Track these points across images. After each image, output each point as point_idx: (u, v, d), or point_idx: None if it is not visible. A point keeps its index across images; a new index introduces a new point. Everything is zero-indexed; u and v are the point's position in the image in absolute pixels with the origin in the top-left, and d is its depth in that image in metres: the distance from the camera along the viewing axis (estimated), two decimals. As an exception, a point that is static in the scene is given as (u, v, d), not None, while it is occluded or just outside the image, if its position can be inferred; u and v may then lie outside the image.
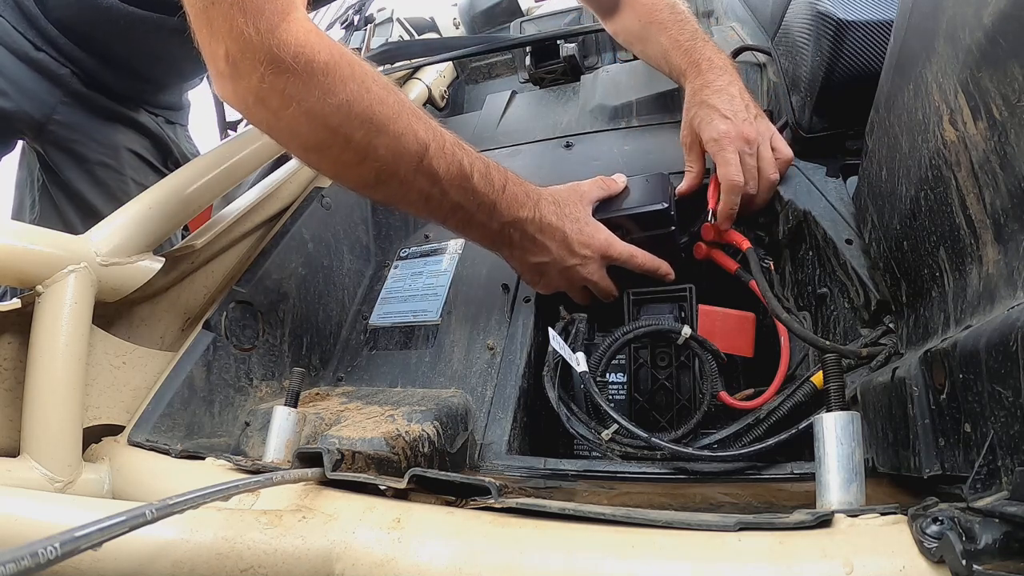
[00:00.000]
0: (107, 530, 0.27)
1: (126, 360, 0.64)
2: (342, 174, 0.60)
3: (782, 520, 0.31)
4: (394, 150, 0.56)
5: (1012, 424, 0.26)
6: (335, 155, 0.56)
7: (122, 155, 1.03)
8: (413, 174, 0.58)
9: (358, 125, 0.54)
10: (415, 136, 0.56)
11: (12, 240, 0.54)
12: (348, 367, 0.80)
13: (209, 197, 0.73)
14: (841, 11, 0.61)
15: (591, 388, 0.59)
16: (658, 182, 0.74)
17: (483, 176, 0.61)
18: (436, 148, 0.58)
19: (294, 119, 0.52)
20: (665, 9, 0.84)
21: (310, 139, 0.55)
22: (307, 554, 0.37)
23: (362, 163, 0.56)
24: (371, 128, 0.54)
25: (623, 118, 0.96)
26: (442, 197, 0.60)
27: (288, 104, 0.51)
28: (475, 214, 0.62)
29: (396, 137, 0.55)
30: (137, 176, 1.06)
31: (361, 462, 0.50)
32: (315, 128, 0.53)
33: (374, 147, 0.55)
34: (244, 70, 0.49)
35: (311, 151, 0.57)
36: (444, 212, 0.62)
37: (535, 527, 0.35)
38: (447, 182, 0.59)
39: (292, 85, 0.50)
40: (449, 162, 0.59)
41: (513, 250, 0.67)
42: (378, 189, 0.60)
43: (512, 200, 0.63)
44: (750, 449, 0.53)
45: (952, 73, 0.34)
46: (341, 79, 0.52)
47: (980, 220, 0.33)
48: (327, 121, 0.53)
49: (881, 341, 0.52)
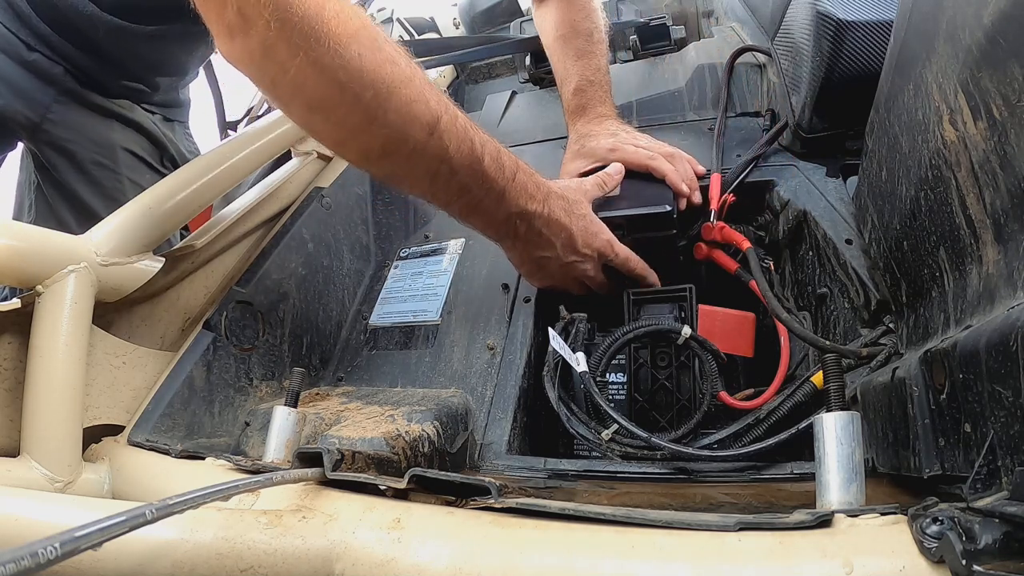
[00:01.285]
0: (107, 530, 0.27)
1: (126, 360, 0.64)
2: (346, 141, 0.56)
3: (782, 520, 0.31)
4: (404, 116, 0.52)
5: (1012, 424, 0.26)
6: (341, 116, 0.52)
7: (117, 154, 1.02)
8: (422, 147, 0.54)
9: (368, 83, 0.50)
10: (427, 105, 0.53)
11: (12, 240, 0.54)
12: (348, 367, 0.80)
13: (209, 197, 0.73)
14: (841, 11, 0.61)
15: (591, 388, 0.59)
16: (661, 182, 0.74)
17: (494, 160, 0.58)
18: (448, 121, 0.54)
19: (301, 71, 0.49)
20: (582, 36, 0.88)
21: (315, 95, 0.51)
22: (307, 554, 0.37)
23: (369, 128, 0.53)
24: (381, 88, 0.50)
25: (623, 118, 0.96)
26: (450, 177, 0.57)
27: (296, 54, 0.48)
28: (482, 200, 0.60)
29: (407, 103, 0.52)
30: (133, 175, 1.04)
31: (361, 462, 0.50)
32: (322, 83, 0.50)
33: (383, 110, 0.51)
34: (251, 17, 0.46)
35: (316, 110, 0.53)
36: (450, 194, 0.59)
37: (535, 527, 0.35)
38: (457, 160, 0.56)
39: (300, 34, 0.47)
40: (460, 139, 0.55)
41: (516, 242, 0.66)
42: (383, 162, 0.56)
43: (522, 190, 0.61)
44: (750, 449, 0.53)
45: (952, 73, 0.34)
46: (352, 32, 0.49)
47: (980, 220, 0.33)
48: (335, 75, 0.49)
49: (881, 341, 0.52)
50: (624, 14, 1.27)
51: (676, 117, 0.94)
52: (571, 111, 0.87)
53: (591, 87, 0.86)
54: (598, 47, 0.88)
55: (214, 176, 0.73)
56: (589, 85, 0.86)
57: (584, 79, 0.86)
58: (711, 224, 0.71)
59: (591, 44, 0.88)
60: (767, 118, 0.81)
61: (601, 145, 0.80)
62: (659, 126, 0.93)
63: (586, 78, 0.86)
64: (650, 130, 0.91)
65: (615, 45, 1.25)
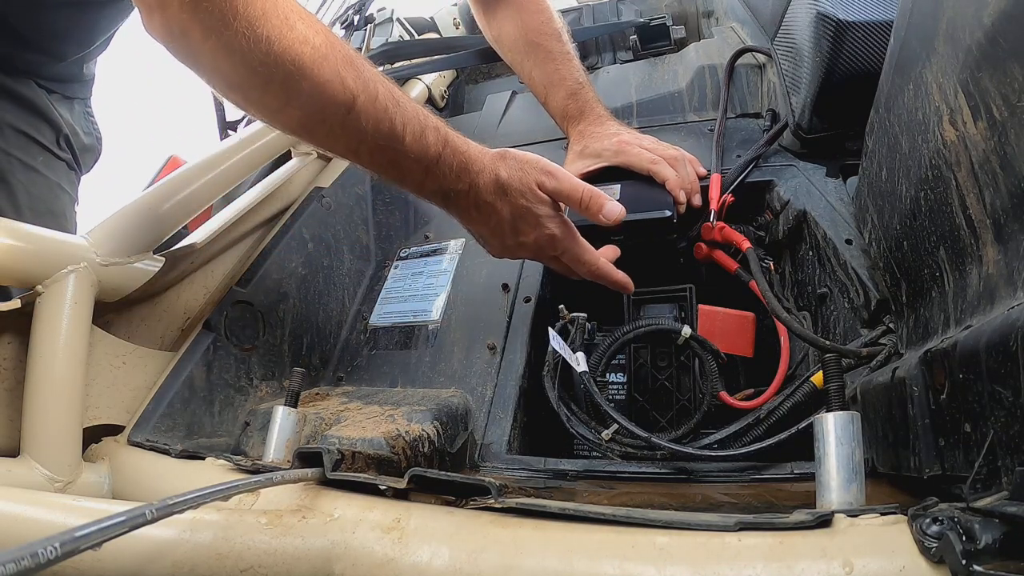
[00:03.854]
0: (107, 530, 0.27)
1: (126, 360, 0.64)
2: (268, 118, 0.56)
3: (782, 520, 0.31)
4: (317, 97, 0.52)
5: (1012, 424, 0.26)
6: (256, 97, 0.52)
7: (6, 133, 0.94)
8: (340, 126, 0.54)
9: (278, 65, 0.49)
10: (342, 84, 0.52)
11: (12, 240, 0.54)
12: (348, 367, 0.80)
13: (209, 197, 0.73)
14: (841, 12, 0.61)
15: (591, 388, 0.59)
16: (662, 186, 0.74)
17: (416, 139, 0.57)
18: (365, 101, 0.53)
19: (215, 54, 0.49)
20: (552, 37, 0.87)
21: (232, 77, 0.51)
22: (307, 554, 0.37)
23: (284, 109, 0.53)
24: (292, 71, 0.50)
25: (623, 119, 0.96)
26: (371, 154, 0.57)
27: (208, 36, 0.48)
28: (407, 176, 0.59)
29: (320, 84, 0.51)
30: (23, 156, 0.96)
31: (361, 462, 0.50)
32: (235, 65, 0.49)
33: (296, 92, 0.51)
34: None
35: (234, 90, 0.53)
36: (375, 167, 0.59)
37: (535, 527, 0.35)
38: (375, 140, 0.55)
39: (211, 16, 0.47)
40: (379, 119, 0.54)
41: (453, 214, 0.64)
42: (306, 137, 0.57)
43: (447, 170, 0.59)
44: (750, 449, 0.53)
45: (952, 73, 0.34)
46: (261, 11, 0.48)
47: (980, 220, 0.33)
48: (246, 58, 0.49)
49: (881, 341, 0.52)
50: (624, 14, 1.27)
51: (676, 118, 0.94)
52: (568, 115, 0.87)
53: (583, 89, 0.86)
54: (571, 47, 0.89)
55: (214, 176, 0.73)
56: (580, 87, 0.86)
57: (575, 81, 0.86)
58: (711, 224, 0.71)
59: (563, 45, 0.88)
60: (767, 118, 0.81)
61: (606, 147, 0.80)
62: (659, 127, 0.93)
63: (576, 80, 0.86)
64: (650, 131, 0.91)
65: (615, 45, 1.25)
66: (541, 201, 0.63)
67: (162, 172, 1.23)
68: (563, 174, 0.64)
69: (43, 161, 0.99)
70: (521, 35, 0.89)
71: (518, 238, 0.64)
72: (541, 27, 0.88)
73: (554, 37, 0.88)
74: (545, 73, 0.88)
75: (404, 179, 0.60)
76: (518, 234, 0.64)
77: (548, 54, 0.87)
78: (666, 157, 0.77)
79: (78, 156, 1.05)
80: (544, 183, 0.63)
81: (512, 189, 0.62)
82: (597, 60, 1.26)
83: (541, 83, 0.89)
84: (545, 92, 0.89)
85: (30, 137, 0.98)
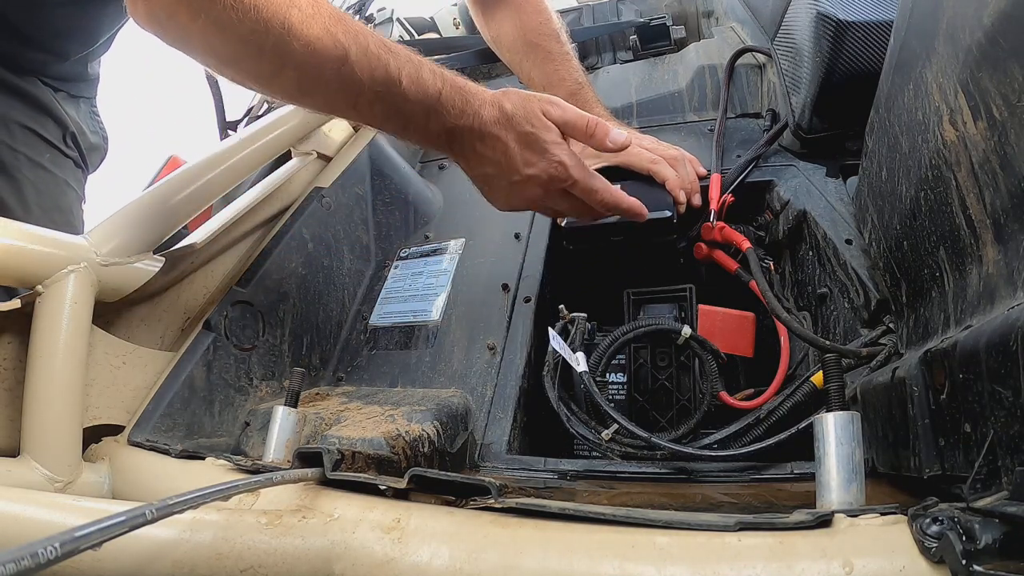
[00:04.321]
0: (107, 530, 0.27)
1: (126, 360, 0.64)
2: (265, 87, 0.57)
3: (782, 520, 0.31)
4: (310, 56, 0.53)
5: (1012, 424, 0.26)
6: (251, 67, 0.54)
7: (12, 130, 0.95)
8: (336, 81, 0.55)
9: (268, 32, 0.50)
10: (333, 39, 0.53)
11: (12, 240, 0.54)
12: (348, 367, 0.80)
13: (209, 197, 0.73)
14: (841, 12, 0.61)
15: (591, 388, 0.59)
16: (662, 186, 0.74)
17: (413, 81, 0.57)
18: (358, 52, 0.54)
19: (205, 32, 0.50)
20: (551, 38, 0.88)
21: (224, 52, 0.52)
22: (307, 554, 0.37)
23: (280, 73, 0.54)
24: (282, 33, 0.51)
25: (623, 119, 0.96)
26: (371, 104, 0.57)
27: (196, 16, 0.49)
28: (410, 120, 0.59)
29: (311, 42, 0.52)
30: (31, 153, 0.97)
31: (361, 462, 0.50)
32: (226, 40, 0.51)
33: (288, 54, 0.52)
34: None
35: (227, 64, 0.54)
36: (377, 119, 0.59)
37: (535, 527, 0.35)
38: (373, 88, 0.56)
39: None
40: (373, 67, 0.55)
41: (458, 158, 0.64)
42: (304, 99, 0.58)
43: (449, 106, 0.59)
44: (750, 449, 0.53)
45: (952, 73, 0.34)
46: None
47: (980, 220, 0.33)
48: (237, 30, 0.50)
49: (881, 341, 0.52)
50: (624, 14, 1.27)
51: (676, 118, 0.94)
52: None
53: (582, 89, 0.86)
54: (570, 47, 0.89)
55: (214, 176, 0.73)
56: (580, 88, 0.86)
57: (574, 82, 0.86)
58: (711, 224, 0.71)
59: (563, 45, 0.88)
60: (767, 118, 0.81)
61: None
62: (659, 127, 0.93)
63: (575, 80, 0.87)
64: (650, 131, 0.91)
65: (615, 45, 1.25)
66: (547, 128, 0.62)
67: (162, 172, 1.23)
68: (567, 105, 0.64)
69: (50, 158, 0.99)
70: (520, 36, 0.89)
71: (526, 170, 0.62)
72: (540, 27, 0.88)
73: (553, 38, 0.88)
74: (544, 74, 0.88)
75: (408, 125, 0.60)
76: (526, 164, 0.62)
77: (547, 55, 0.88)
78: (666, 157, 0.77)
79: (85, 155, 1.06)
80: (549, 111, 0.63)
81: (517, 117, 0.62)
82: (597, 60, 1.26)
83: (540, 84, 0.89)
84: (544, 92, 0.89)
85: (37, 134, 0.98)
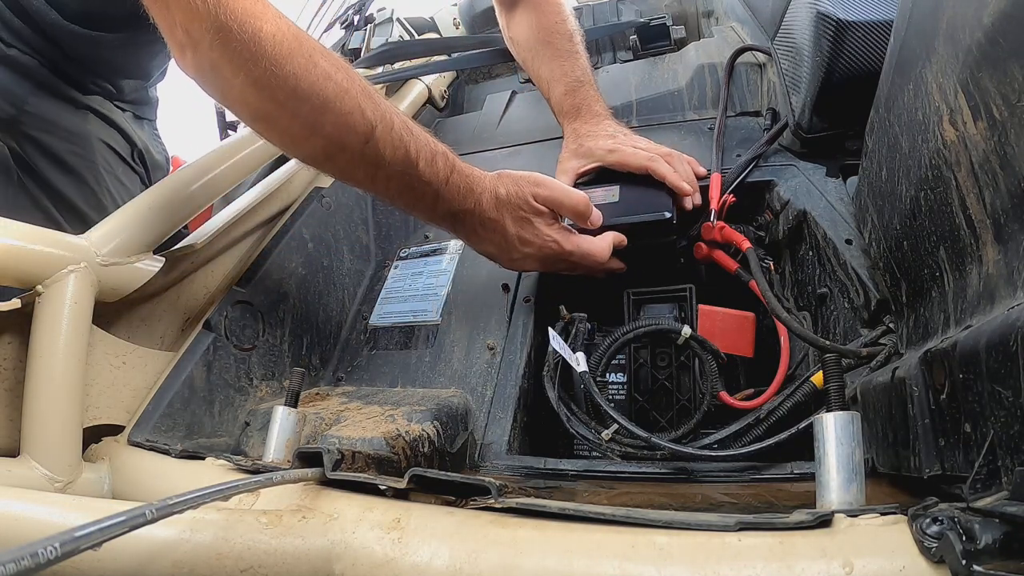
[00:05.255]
0: (107, 530, 0.27)
1: (126, 360, 0.64)
2: (291, 147, 0.61)
3: (782, 520, 0.31)
4: (340, 127, 0.56)
5: (1012, 424, 0.26)
6: (283, 127, 0.57)
7: (93, 144, 1.03)
8: (359, 154, 0.58)
9: (304, 99, 0.54)
10: (362, 115, 0.57)
11: (12, 240, 0.54)
12: (348, 367, 0.80)
13: (209, 197, 0.73)
14: (841, 11, 0.61)
15: (591, 388, 0.59)
16: (660, 187, 0.74)
17: (428, 164, 0.62)
18: (383, 130, 0.58)
19: (243, 89, 0.53)
20: (564, 37, 0.89)
21: (259, 110, 0.56)
22: (307, 554, 0.37)
23: (309, 138, 0.57)
24: (317, 103, 0.55)
25: (623, 118, 0.96)
26: (387, 180, 0.61)
27: (238, 73, 0.52)
28: (420, 200, 0.64)
29: (342, 115, 0.56)
30: (109, 167, 1.05)
31: (361, 462, 0.50)
32: (263, 99, 0.54)
33: (320, 123, 0.56)
34: (196, 37, 0.50)
35: (259, 120, 0.57)
36: (390, 194, 0.64)
37: (535, 527, 0.35)
38: (392, 166, 0.60)
39: (239, 54, 0.51)
40: (396, 146, 0.59)
41: (461, 236, 0.70)
42: (325, 165, 0.62)
43: (455, 192, 0.64)
44: (750, 449, 0.53)
45: (952, 73, 0.34)
46: (288, 51, 0.53)
47: (980, 220, 0.33)
48: (273, 94, 0.53)
49: (881, 341, 0.52)
50: (624, 14, 1.27)
51: (676, 117, 0.94)
52: (565, 112, 0.87)
53: (582, 87, 0.87)
54: (580, 47, 0.90)
55: (214, 176, 0.73)
56: (580, 85, 0.87)
57: (574, 79, 0.87)
58: (711, 224, 0.71)
59: (573, 44, 0.89)
60: (767, 118, 0.81)
61: (600, 145, 0.80)
62: (659, 126, 0.93)
63: (576, 78, 0.87)
64: (650, 130, 0.91)
65: (615, 45, 1.25)
66: (537, 212, 0.67)
67: (162, 172, 1.24)
68: (553, 182, 0.69)
69: (123, 172, 1.07)
70: (534, 34, 0.90)
71: (523, 249, 0.68)
72: (554, 27, 0.89)
73: (565, 36, 0.89)
74: (549, 70, 0.89)
75: (417, 203, 0.64)
76: (523, 244, 0.68)
77: (555, 52, 0.88)
78: (661, 155, 0.77)
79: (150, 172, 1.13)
80: (538, 193, 0.67)
81: (511, 204, 0.67)
82: (597, 60, 1.26)
83: (545, 80, 0.90)
84: (547, 88, 0.90)
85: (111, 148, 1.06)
